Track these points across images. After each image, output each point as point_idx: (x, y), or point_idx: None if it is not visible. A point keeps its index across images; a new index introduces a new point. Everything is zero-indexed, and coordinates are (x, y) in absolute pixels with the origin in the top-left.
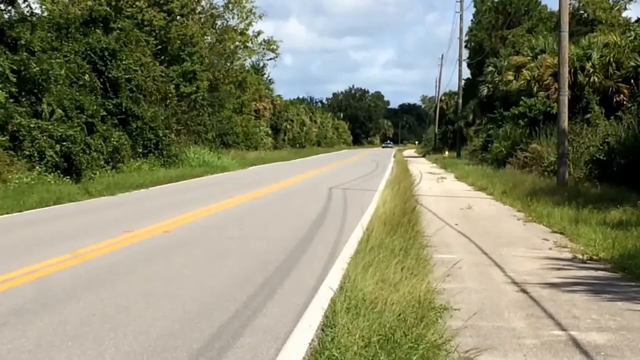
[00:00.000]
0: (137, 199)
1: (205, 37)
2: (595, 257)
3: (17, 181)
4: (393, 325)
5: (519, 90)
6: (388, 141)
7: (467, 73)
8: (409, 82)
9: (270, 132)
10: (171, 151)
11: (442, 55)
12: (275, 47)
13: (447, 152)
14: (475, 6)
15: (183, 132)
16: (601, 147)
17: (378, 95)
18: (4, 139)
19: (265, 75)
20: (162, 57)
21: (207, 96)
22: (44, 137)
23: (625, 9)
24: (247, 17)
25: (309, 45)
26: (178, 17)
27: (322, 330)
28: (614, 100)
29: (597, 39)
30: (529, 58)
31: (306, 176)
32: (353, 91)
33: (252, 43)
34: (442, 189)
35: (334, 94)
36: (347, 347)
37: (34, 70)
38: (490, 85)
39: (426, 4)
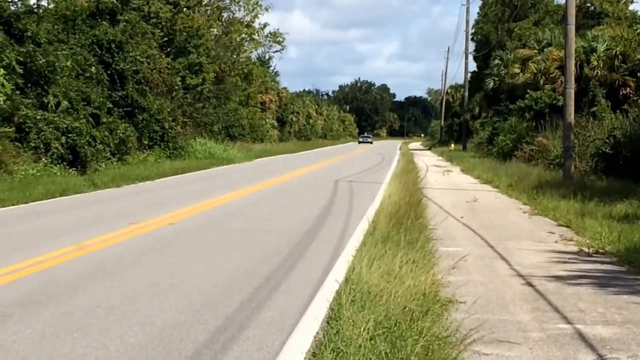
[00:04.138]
0: (142, 190)
1: (212, 30)
2: (601, 251)
3: (23, 173)
4: (398, 318)
5: (525, 83)
6: (365, 134)
7: (473, 66)
8: (415, 75)
9: (276, 124)
10: (177, 143)
11: (449, 48)
12: (281, 39)
13: (453, 145)
14: None
15: (189, 124)
16: (607, 141)
17: (384, 88)
18: (10, 130)
19: (271, 68)
20: (169, 49)
21: (213, 88)
22: (50, 129)
23: (632, 2)
24: (253, 10)
25: (314, 38)
26: (184, 9)
27: (327, 322)
28: (620, 93)
29: (603, 32)
30: (535, 51)
31: (312, 168)
32: (359, 84)
33: (258, 35)
34: (448, 182)
35: (340, 87)
36: (352, 339)
37: (40, 62)
38: (496, 78)
39: None
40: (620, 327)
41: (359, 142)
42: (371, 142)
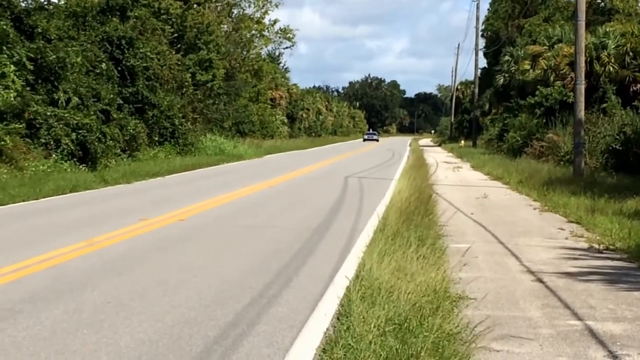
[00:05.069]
0: (153, 187)
1: (222, 26)
2: (611, 247)
3: (33, 169)
4: (408, 315)
5: (536, 80)
6: (371, 130)
7: (483, 62)
8: (425, 71)
9: (286, 120)
10: (187, 139)
11: (459, 45)
12: (291, 35)
13: (462, 142)
14: None
15: (199, 120)
16: (617, 137)
17: (394, 84)
18: (20, 126)
19: (281, 64)
20: (179, 46)
21: (223, 85)
22: (60, 125)
23: None
24: (263, 6)
25: (324, 34)
26: (194, 6)
27: (338, 319)
28: (631, 89)
29: (614, 29)
30: (545, 47)
31: (322, 165)
32: (369, 80)
33: (268, 31)
34: (458, 178)
35: (350, 83)
36: (362, 336)
37: (51, 58)
38: (506, 75)
39: None
40: (630, 323)
41: (364, 140)
42: (377, 140)
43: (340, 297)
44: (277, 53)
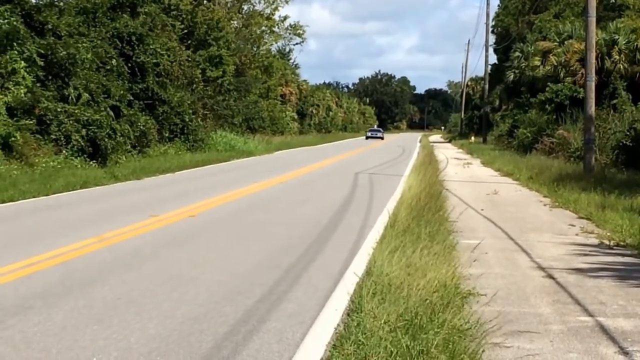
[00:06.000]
0: (163, 183)
1: (232, 22)
2: (622, 243)
3: (43, 165)
4: (419, 311)
5: (546, 76)
6: (375, 127)
7: (493, 58)
8: (435, 67)
9: (296, 116)
10: (197, 136)
11: (469, 41)
12: (301, 32)
13: (473, 138)
14: None
15: (209, 116)
16: (628, 133)
17: (404, 81)
18: (31, 122)
19: (291, 60)
20: (189, 42)
21: (234, 81)
22: (71, 122)
23: None
24: (273, 2)
25: (333, 30)
26: (204, 2)
27: (348, 315)
28: None
29: (624, 25)
30: (555, 43)
31: (332, 161)
32: (379, 76)
33: (278, 28)
34: (468, 174)
35: (360, 79)
36: (373, 331)
37: (61, 54)
38: (516, 71)
39: None
40: None
41: (367, 138)
42: (382, 138)
43: (350, 293)
44: (287, 49)
